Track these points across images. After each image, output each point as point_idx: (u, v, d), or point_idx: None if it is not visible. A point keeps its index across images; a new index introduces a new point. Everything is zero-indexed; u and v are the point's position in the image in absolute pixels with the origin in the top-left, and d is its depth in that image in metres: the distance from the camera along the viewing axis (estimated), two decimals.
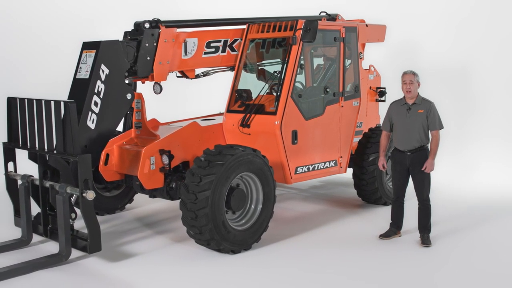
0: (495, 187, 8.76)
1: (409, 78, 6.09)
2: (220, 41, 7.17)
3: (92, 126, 5.97)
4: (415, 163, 6.12)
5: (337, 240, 6.41)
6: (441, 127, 6.14)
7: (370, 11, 9.65)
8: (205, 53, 7.03)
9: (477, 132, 9.73)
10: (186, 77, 7.14)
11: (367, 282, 5.22)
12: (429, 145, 6.15)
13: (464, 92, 9.92)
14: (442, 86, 9.96)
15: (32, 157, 6.10)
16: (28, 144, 6.07)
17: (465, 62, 9.86)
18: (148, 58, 6.43)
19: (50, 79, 10.14)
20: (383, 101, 8.30)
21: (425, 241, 6.16)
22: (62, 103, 5.58)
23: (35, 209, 6.13)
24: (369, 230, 6.73)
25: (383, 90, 8.32)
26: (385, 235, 6.43)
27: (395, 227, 6.47)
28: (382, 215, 7.22)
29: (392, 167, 6.43)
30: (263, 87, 6.84)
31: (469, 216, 7.36)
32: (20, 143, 6.17)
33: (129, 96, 6.28)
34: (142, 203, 8.05)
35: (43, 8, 10.95)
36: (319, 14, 7.92)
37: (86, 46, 6.19)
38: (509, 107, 9.59)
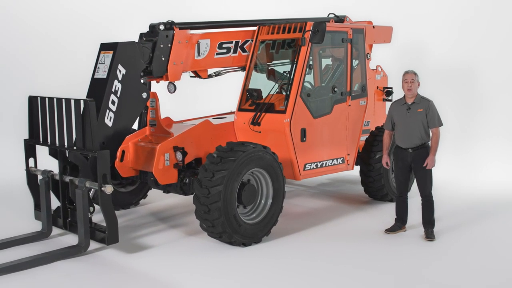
0: (499, 184, 8.89)
1: (411, 77, 6.29)
2: (231, 42, 7.36)
3: (109, 123, 6.21)
4: (416, 160, 6.31)
5: (344, 235, 6.60)
6: (441, 124, 6.32)
7: (377, 13, 9.83)
8: (217, 53, 7.22)
9: (481, 131, 9.85)
10: (199, 77, 7.33)
11: (372, 271, 5.40)
12: (429, 142, 6.33)
13: (470, 91, 10.03)
14: (448, 86, 10.11)
15: (53, 153, 6.33)
16: (49, 141, 6.30)
17: (470, 62, 9.98)
18: (163, 59, 6.63)
19: (67, 79, 10.42)
20: (390, 100, 8.40)
21: (429, 235, 6.34)
22: (81, 102, 5.81)
23: (54, 203, 6.38)
24: (375, 225, 6.91)
25: (390, 89, 8.47)
26: (391, 230, 6.62)
27: (400, 222, 6.65)
28: (388, 211, 7.39)
29: (395, 164, 6.62)
30: (273, 87, 7.01)
31: (473, 212, 7.52)
32: (41, 140, 6.41)
33: (144, 95, 6.50)
34: (155, 199, 8.27)
35: (61, 13, 11.30)
36: (327, 16, 8.03)
37: (104, 47, 6.41)
38: None
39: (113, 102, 6.21)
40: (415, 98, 6.34)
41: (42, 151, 6.54)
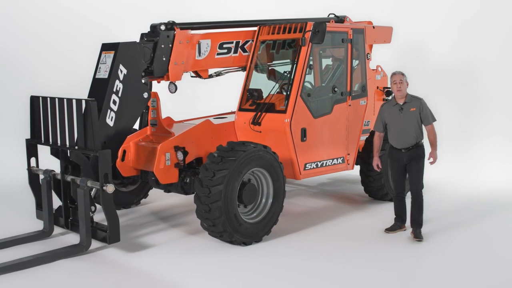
0: (499, 184, 8.91)
1: (399, 78, 6.33)
2: (232, 43, 7.38)
3: (110, 123, 6.22)
4: (411, 159, 6.35)
5: (344, 234, 6.62)
6: (434, 120, 6.39)
7: (377, 13, 9.85)
8: (218, 54, 7.24)
9: (481, 131, 9.87)
10: (200, 77, 7.35)
11: (372, 270, 5.43)
12: (423, 141, 6.38)
13: (470, 91, 10.05)
14: (448, 86, 10.14)
15: (54, 152, 6.36)
16: (50, 141, 6.33)
17: (470, 62, 10.00)
18: (164, 59, 6.65)
19: (68, 79, 10.44)
20: None
21: (418, 235, 6.31)
22: (83, 102, 5.84)
23: (56, 202, 6.40)
24: (375, 224, 6.92)
25: (390, 89, 8.50)
26: (391, 229, 6.64)
27: (400, 222, 6.67)
28: (387, 211, 7.35)
29: (390, 164, 6.67)
30: (273, 87, 7.04)
31: (472, 212, 7.54)
32: (43, 139, 6.44)
33: (145, 95, 6.52)
34: (156, 198, 8.30)
35: (61, 13, 11.32)
36: (328, 16, 8.06)
37: (105, 47, 6.43)
38: None
39: (114, 102, 6.23)
40: (405, 98, 6.38)
41: (43, 151, 6.56)
